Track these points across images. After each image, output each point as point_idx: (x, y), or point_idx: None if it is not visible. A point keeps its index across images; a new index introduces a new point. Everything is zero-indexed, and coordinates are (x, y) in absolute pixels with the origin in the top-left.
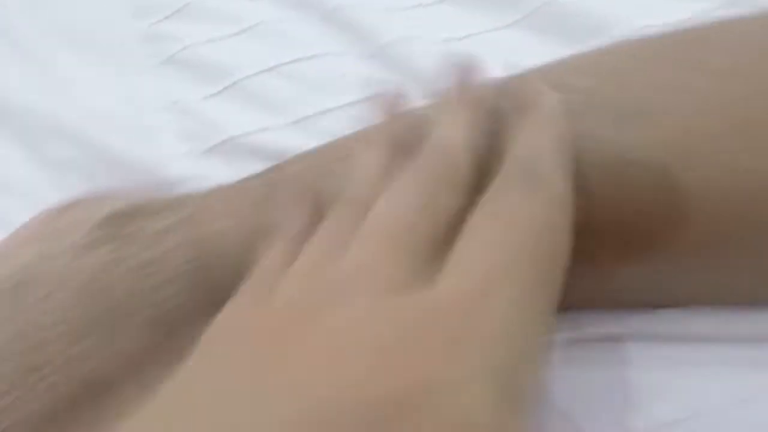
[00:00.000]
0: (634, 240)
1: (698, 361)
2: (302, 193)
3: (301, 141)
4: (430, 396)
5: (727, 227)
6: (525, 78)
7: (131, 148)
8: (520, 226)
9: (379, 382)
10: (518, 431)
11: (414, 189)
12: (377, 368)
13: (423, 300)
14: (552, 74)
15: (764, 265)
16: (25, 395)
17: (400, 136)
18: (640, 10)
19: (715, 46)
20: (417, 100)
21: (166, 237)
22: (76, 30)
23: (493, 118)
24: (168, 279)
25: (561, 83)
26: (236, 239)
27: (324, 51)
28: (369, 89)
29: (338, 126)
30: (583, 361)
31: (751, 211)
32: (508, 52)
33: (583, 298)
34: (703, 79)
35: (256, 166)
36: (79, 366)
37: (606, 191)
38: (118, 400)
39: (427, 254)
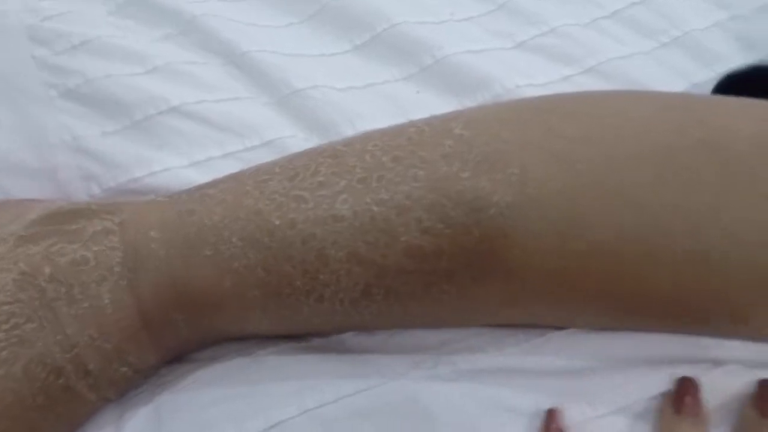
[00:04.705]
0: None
1: None
2: None
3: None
4: None
5: (562, 276)
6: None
7: (31, 192)
8: None
9: None
10: None
11: None
12: None
13: None
14: (437, 121)
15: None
16: None
17: None
18: (514, 71)
19: (570, 113)
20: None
21: (105, 238)
22: None
23: None
24: (102, 277)
25: (444, 129)
26: (162, 249)
27: (232, 95)
28: (273, 134)
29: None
30: None
31: (582, 264)
32: (403, 103)
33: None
34: (556, 141)
35: None
36: (21, 351)
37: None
38: (61, 384)
39: None
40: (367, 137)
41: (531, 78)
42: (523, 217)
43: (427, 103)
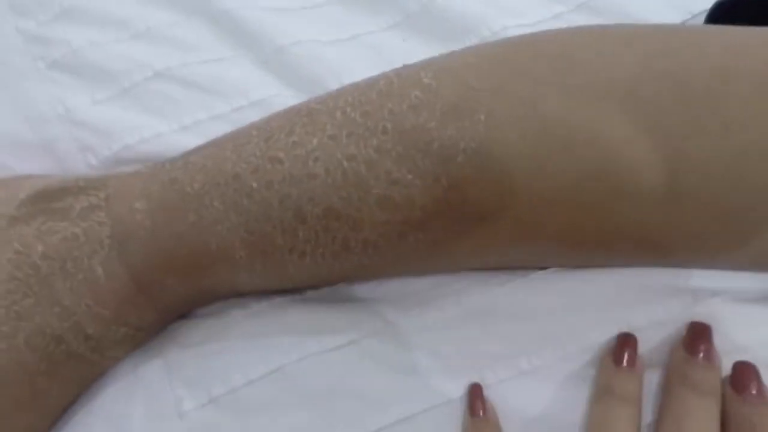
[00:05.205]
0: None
1: None
2: None
3: (195, 145)
4: None
5: (531, 214)
6: None
7: (33, 167)
8: None
9: None
10: None
11: None
12: None
13: None
14: (407, 71)
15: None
16: None
17: None
18: (503, 11)
19: (538, 53)
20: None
21: (92, 214)
22: None
23: None
24: (93, 251)
25: (413, 79)
26: (147, 219)
27: (217, 56)
28: (260, 93)
29: (229, 131)
30: None
31: (547, 201)
32: (390, 54)
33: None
34: (522, 84)
35: None
36: (21, 325)
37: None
38: (63, 350)
39: None
40: (340, 94)
41: (520, 17)
42: (490, 163)
43: (413, 52)
